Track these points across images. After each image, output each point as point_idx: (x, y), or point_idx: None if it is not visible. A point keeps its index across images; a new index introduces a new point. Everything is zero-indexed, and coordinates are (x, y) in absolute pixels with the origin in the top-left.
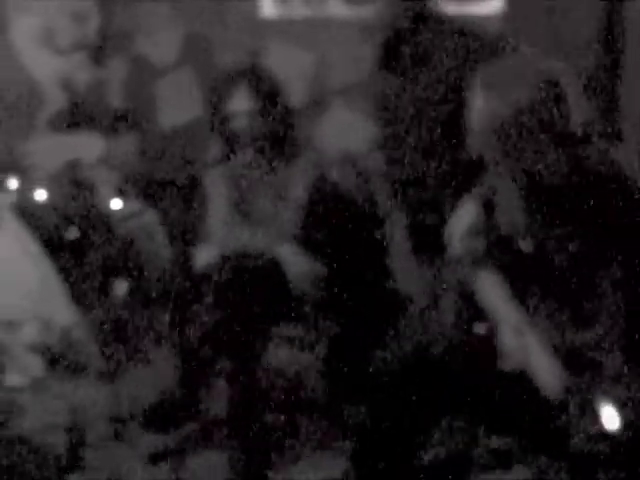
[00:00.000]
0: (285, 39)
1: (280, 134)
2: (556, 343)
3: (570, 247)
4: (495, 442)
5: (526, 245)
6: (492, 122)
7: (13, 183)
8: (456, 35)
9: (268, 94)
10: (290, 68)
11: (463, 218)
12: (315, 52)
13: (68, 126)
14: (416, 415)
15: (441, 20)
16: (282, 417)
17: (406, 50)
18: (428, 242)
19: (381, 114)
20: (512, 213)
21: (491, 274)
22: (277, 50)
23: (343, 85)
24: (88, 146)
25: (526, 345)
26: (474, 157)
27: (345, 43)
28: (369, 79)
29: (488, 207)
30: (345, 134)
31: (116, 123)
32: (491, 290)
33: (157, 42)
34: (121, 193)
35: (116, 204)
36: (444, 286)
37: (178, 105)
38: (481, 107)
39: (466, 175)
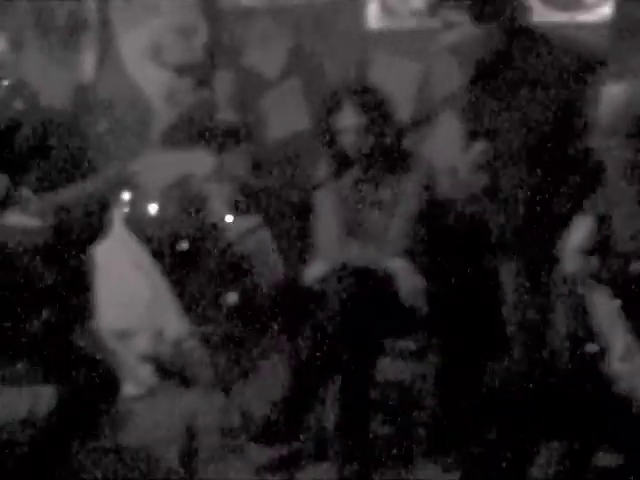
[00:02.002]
0: (392, 50)
1: (389, 149)
2: None
3: None
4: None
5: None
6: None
7: (125, 196)
8: (556, 49)
9: (376, 109)
10: (397, 80)
11: (577, 235)
12: (422, 63)
13: (179, 140)
14: (526, 431)
15: (539, 34)
16: (394, 429)
17: (506, 68)
18: (539, 259)
19: (483, 131)
20: (629, 229)
21: (604, 292)
22: (384, 61)
23: (450, 97)
24: (199, 160)
25: (636, 367)
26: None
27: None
28: (468, 99)
29: (603, 224)
30: (454, 146)
31: (226, 136)
32: (603, 309)
33: (264, 55)
34: (233, 207)
35: (228, 218)
36: (556, 303)
37: (285, 117)
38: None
39: (580, 191)
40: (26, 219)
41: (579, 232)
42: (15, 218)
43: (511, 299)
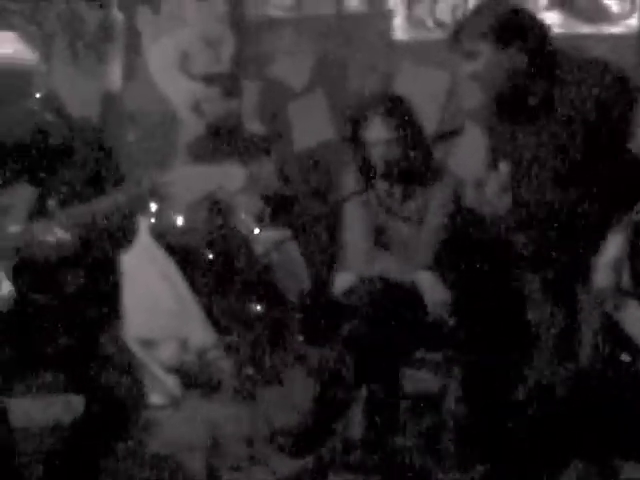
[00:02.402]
0: (418, 61)
1: (417, 160)
2: None
3: None
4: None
5: None
6: None
7: (153, 207)
8: (582, 67)
9: (404, 121)
10: (423, 91)
11: (610, 250)
12: (448, 74)
13: (206, 150)
14: (554, 444)
15: (562, 55)
16: (419, 440)
17: (531, 91)
18: (568, 272)
19: (509, 151)
20: None
21: (636, 304)
22: (410, 73)
23: (477, 108)
24: (232, 175)
25: None
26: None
27: None
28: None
29: (636, 238)
30: (480, 158)
31: (253, 147)
32: (636, 322)
33: (290, 65)
34: (260, 218)
35: (256, 229)
36: (586, 317)
37: (311, 127)
38: None
39: (614, 206)
40: (54, 231)
41: (612, 247)
42: (43, 230)
43: (538, 311)
